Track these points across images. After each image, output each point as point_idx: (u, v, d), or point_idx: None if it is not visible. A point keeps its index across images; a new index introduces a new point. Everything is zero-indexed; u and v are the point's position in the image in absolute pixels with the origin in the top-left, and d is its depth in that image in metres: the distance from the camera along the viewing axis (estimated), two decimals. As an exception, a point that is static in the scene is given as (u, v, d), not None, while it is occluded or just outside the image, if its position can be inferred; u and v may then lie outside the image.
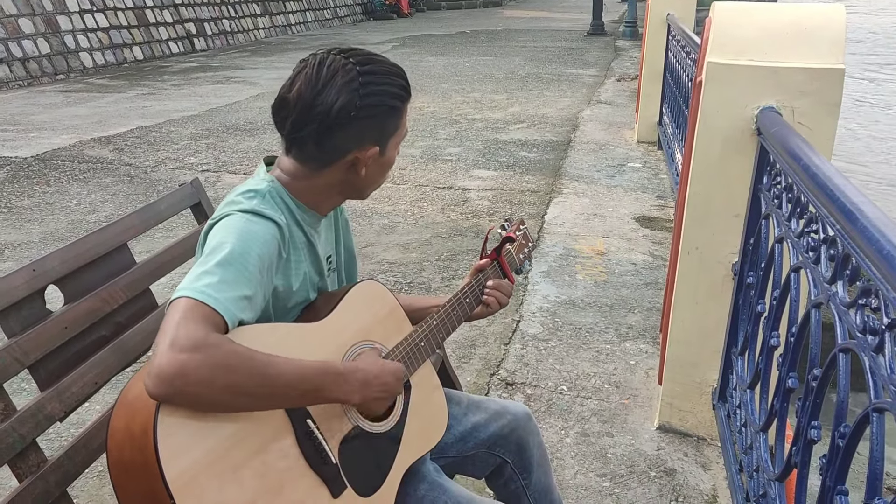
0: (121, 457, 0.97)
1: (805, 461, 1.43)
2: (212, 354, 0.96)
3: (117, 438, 0.98)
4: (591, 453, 2.44)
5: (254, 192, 1.21)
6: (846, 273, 1.28)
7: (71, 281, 1.48)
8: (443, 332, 1.45)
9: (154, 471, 0.93)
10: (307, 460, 1.12)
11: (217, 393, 0.97)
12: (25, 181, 5.45)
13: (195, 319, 0.98)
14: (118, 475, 0.98)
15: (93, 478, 2.32)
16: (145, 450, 0.94)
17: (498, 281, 1.57)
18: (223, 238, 1.11)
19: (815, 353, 1.42)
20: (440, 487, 1.36)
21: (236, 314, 1.04)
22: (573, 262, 4.00)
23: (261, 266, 1.11)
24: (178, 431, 0.96)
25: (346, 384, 1.12)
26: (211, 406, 0.99)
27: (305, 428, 1.13)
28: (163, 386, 0.93)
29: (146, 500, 0.96)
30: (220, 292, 1.02)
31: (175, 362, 0.93)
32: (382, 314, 1.38)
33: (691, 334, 2.39)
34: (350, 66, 1.21)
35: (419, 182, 5.40)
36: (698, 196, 2.22)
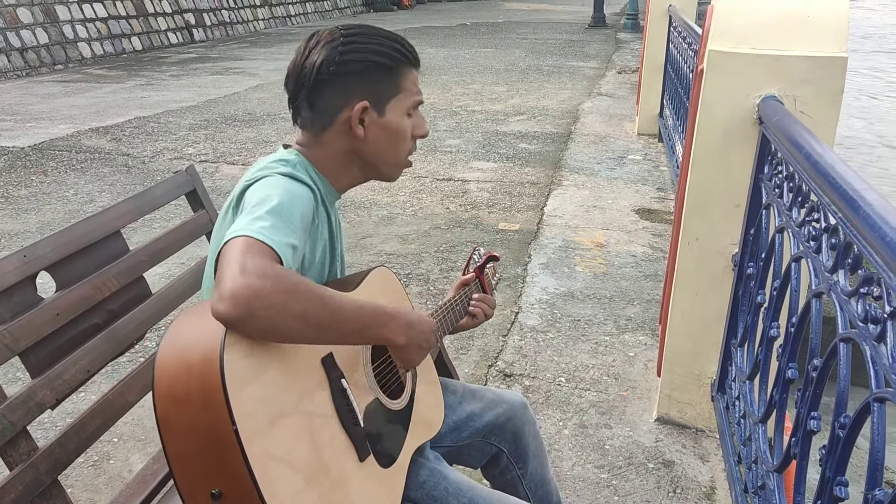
0: (173, 389, 0.95)
1: (804, 452, 1.41)
2: (283, 281, 0.97)
3: (169, 371, 0.96)
4: (589, 445, 2.43)
5: (285, 161, 1.23)
6: (848, 262, 1.27)
7: (63, 268, 1.46)
8: (441, 331, 1.48)
9: (218, 398, 0.92)
10: (340, 419, 1.13)
11: (288, 318, 0.97)
12: (23, 171, 5.43)
13: (259, 252, 0.99)
14: (166, 409, 0.96)
15: (88, 467, 2.31)
16: (209, 379, 0.93)
17: (483, 294, 1.63)
18: (269, 192, 1.11)
19: (816, 343, 1.41)
20: (440, 474, 1.36)
21: (289, 259, 1.05)
22: (572, 253, 3.99)
23: (303, 224, 1.12)
24: (240, 362, 0.96)
25: (394, 323, 1.13)
26: (280, 333, 0.99)
27: (340, 386, 1.13)
28: (238, 308, 0.93)
29: (200, 432, 0.94)
30: (276, 235, 1.03)
31: (249, 286, 0.93)
32: (396, 301, 1.40)
33: (690, 326, 2.38)
34: (336, 31, 1.26)
35: (418, 173, 5.37)
36: (698, 186, 2.20)
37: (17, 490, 1.22)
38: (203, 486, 0.96)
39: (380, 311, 1.13)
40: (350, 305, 1.07)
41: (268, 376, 1.01)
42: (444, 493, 1.33)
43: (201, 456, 0.95)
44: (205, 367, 0.94)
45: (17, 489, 1.22)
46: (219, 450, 0.94)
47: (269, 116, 7.25)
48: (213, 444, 0.94)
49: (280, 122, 6.90)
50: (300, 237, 1.10)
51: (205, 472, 0.95)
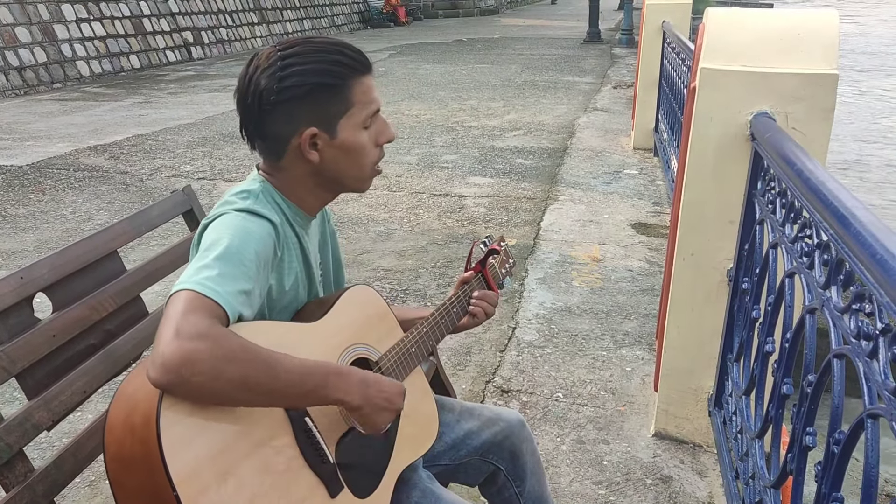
0: (120, 451, 0.95)
1: (800, 468, 1.41)
2: (218, 345, 0.95)
3: (116, 433, 0.96)
4: (586, 461, 2.43)
5: (247, 193, 1.21)
6: (840, 278, 1.28)
7: (60, 288, 1.47)
8: (432, 339, 1.45)
9: (156, 462, 0.91)
10: (306, 459, 1.11)
11: (222, 384, 0.95)
12: (21, 189, 5.44)
13: (198, 310, 0.97)
14: (117, 471, 0.95)
15: (84, 487, 2.30)
16: (147, 441, 0.92)
17: (484, 292, 1.57)
18: (220, 234, 1.10)
19: (810, 358, 1.42)
20: (433, 494, 1.35)
21: (236, 308, 1.03)
22: (569, 268, 4.00)
23: (258, 263, 1.10)
24: (180, 423, 0.94)
25: (346, 384, 1.09)
26: (214, 398, 0.97)
27: (304, 426, 1.12)
28: (169, 375, 0.92)
29: (146, 495, 0.94)
30: (221, 285, 1.02)
31: (181, 351, 0.92)
32: (375, 318, 1.38)
33: (687, 341, 2.38)
34: (273, 52, 1.20)
35: (415, 189, 5.39)
36: (692, 202, 2.21)
37: (12, 513, 1.22)
38: None
39: (331, 370, 1.08)
40: (295, 368, 1.03)
41: (212, 434, 0.99)
42: (437, 513, 1.32)
43: None
44: (145, 431, 0.93)
45: (12, 512, 1.22)
46: None
47: (266, 133, 7.26)
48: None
49: (277, 139, 6.91)
50: (253, 279, 1.08)
51: None
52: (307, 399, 1.07)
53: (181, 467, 0.92)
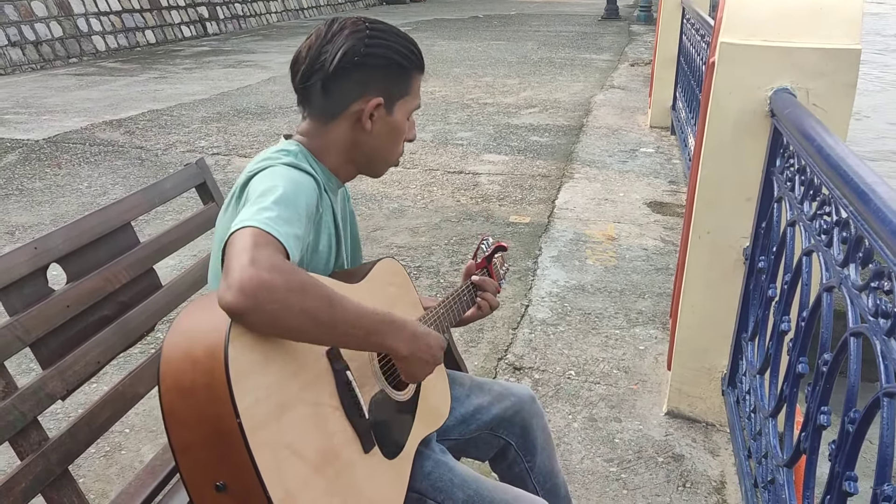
0: (179, 382, 0.96)
1: (814, 447, 1.40)
2: (291, 277, 0.97)
3: (175, 364, 0.97)
4: (598, 438, 2.42)
5: (287, 152, 1.23)
6: (859, 256, 1.26)
7: (74, 259, 1.47)
8: (447, 321, 1.47)
9: (222, 391, 0.92)
10: (345, 410, 1.13)
11: (293, 315, 0.97)
12: (37, 163, 5.47)
13: (269, 245, 0.99)
14: (173, 402, 0.96)
15: (99, 457, 2.33)
16: (212, 372, 0.93)
17: (484, 279, 1.59)
18: (274, 182, 1.11)
19: (826, 337, 1.40)
20: (445, 465, 1.36)
21: (294, 250, 1.05)
22: (583, 247, 3.98)
23: (308, 213, 1.12)
24: (245, 355, 0.96)
25: (399, 333, 1.12)
26: (284, 329, 0.99)
27: (345, 378, 1.13)
28: (245, 299, 0.93)
29: (205, 425, 0.95)
30: (281, 226, 1.03)
31: (258, 277, 0.93)
32: (402, 292, 1.41)
33: (701, 319, 2.37)
34: (360, 22, 1.27)
35: (429, 166, 5.37)
36: (709, 179, 2.19)
37: (27, 480, 1.24)
38: (208, 478, 0.96)
39: (387, 318, 1.11)
40: (357, 310, 1.06)
41: (272, 368, 1.01)
42: (448, 484, 1.33)
43: (206, 448, 0.96)
44: (209, 361, 0.94)
45: (27, 479, 1.24)
46: (223, 443, 0.94)
47: (280, 109, 7.26)
48: (218, 436, 0.94)
49: (292, 115, 6.91)
50: (304, 227, 1.11)
51: (209, 464, 0.96)
52: (364, 341, 1.10)
53: (244, 397, 0.93)
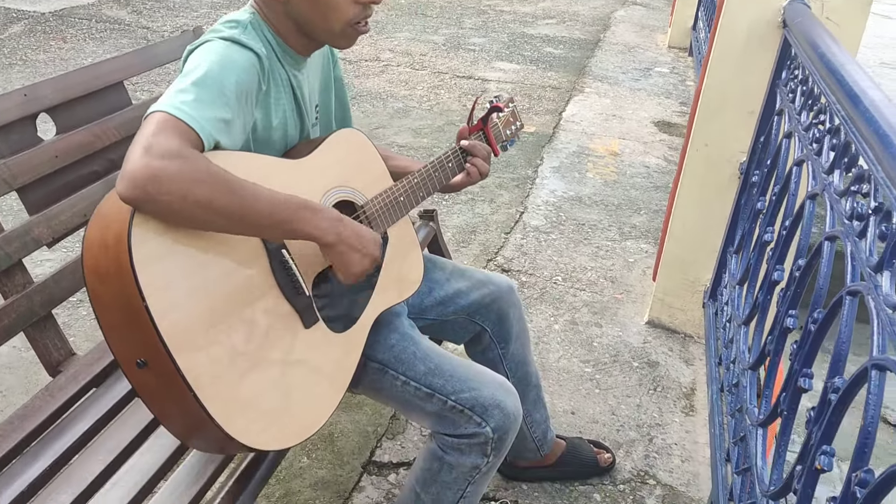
0: (96, 266, 0.98)
1: (779, 349, 1.44)
2: (187, 165, 0.95)
3: (93, 250, 0.98)
4: (577, 341, 2.48)
5: (235, 23, 1.18)
6: (844, 161, 1.25)
7: (64, 111, 1.48)
8: (423, 191, 1.42)
9: (128, 277, 0.93)
10: (280, 289, 1.13)
11: (189, 206, 0.95)
12: (42, 36, 5.38)
13: (170, 131, 0.96)
14: (93, 284, 0.98)
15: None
16: (119, 257, 0.94)
17: (474, 143, 1.49)
18: (201, 60, 1.07)
19: (804, 244, 1.41)
20: (411, 339, 1.38)
21: (212, 134, 1.02)
22: (585, 160, 3.95)
23: (238, 92, 1.08)
24: (151, 240, 0.96)
25: (317, 219, 1.09)
26: (182, 219, 0.98)
27: (280, 258, 1.13)
28: (135, 190, 0.92)
29: (120, 307, 0.97)
30: (196, 110, 1.00)
31: (149, 168, 0.92)
32: (364, 163, 1.36)
33: (691, 232, 2.38)
34: None
35: (438, 69, 5.28)
36: (714, 89, 2.15)
37: (10, 317, 1.28)
38: (130, 355, 0.99)
39: (301, 204, 1.07)
40: (266, 197, 1.02)
41: (186, 253, 1.00)
42: (411, 356, 1.36)
43: (125, 328, 0.98)
44: (117, 246, 0.95)
45: (10, 316, 1.28)
46: (136, 324, 0.95)
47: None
48: (132, 318, 0.96)
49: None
50: (234, 108, 1.06)
51: (130, 343, 0.98)
52: (277, 231, 1.07)
53: (151, 281, 0.94)
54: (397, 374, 1.36)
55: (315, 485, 1.84)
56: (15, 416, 1.24)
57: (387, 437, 2.01)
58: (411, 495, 1.47)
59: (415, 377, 1.36)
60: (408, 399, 1.38)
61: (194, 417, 0.99)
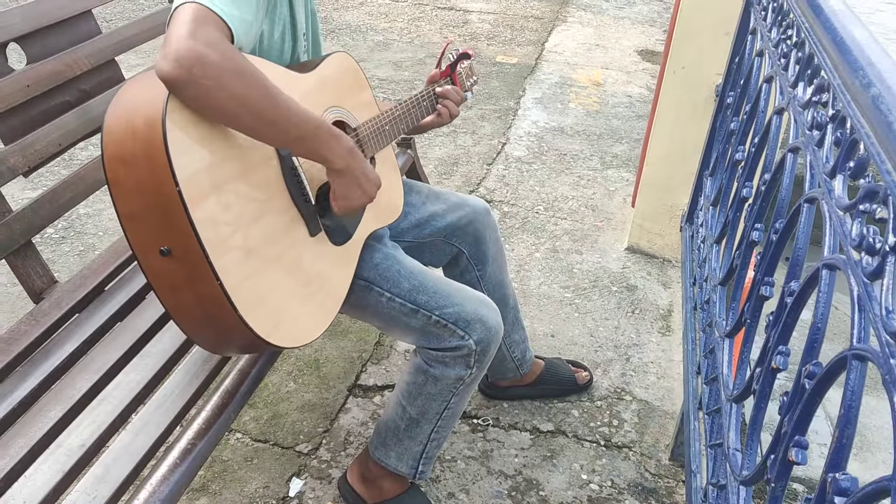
0: (119, 151, 0.98)
1: (745, 262, 1.48)
2: (229, 57, 0.96)
3: (117, 135, 0.98)
4: (557, 268, 2.52)
5: None
6: (808, 73, 1.27)
7: (33, 41, 1.47)
8: (403, 124, 1.48)
9: (161, 160, 0.94)
10: (290, 194, 1.17)
11: (227, 96, 0.97)
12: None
13: (211, 22, 0.97)
14: (115, 170, 0.98)
15: (73, 256, 2.41)
16: (151, 142, 0.95)
17: (446, 88, 1.57)
18: None
19: (770, 159, 1.44)
20: (394, 258, 1.42)
21: (241, 35, 1.03)
22: (568, 90, 3.94)
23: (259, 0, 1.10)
24: (183, 128, 0.97)
25: (335, 144, 1.12)
26: (215, 109, 0.99)
27: (290, 164, 1.16)
28: (180, 70, 0.93)
29: (145, 192, 0.97)
30: (229, 7, 1.01)
31: (196, 50, 0.93)
32: (356, 87, 1.41)
33: (668, 156, 2.40)
34: None
35: (419, 0, 5.19)
36: (690, 11, 2.15)
37: (-9, 245, 1.30)
38: (152, 243, 1.00)
39: (325, 127, 1.11)
40: (296, 110, 1.05)
41: (213, 147, 1.02)
42: (395, 274, 1.40)
43: (149, 215, 0.99)
44: (148, 131, 0.95)
45: (-9, 244, 1.30)
46: (165, 210, 0.97)
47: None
48: (160, 204, 0.97)
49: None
50: (255, 12, 1.08)
51: (153, 230, 0.99)
52: (297, 143, 1.10)
53: (184, 167, 0.96)
54: (382, 290, 1.40)
55: (302, 407, 1.90)
56: (0, 339, 1.27)
57: (371, 362, 2.06)
58: (397, 409, 1.53)
59: (399, 294, 1.40)
60: (393, 315, 1.42)
61: (213, 306, 1.01)
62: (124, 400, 1.18)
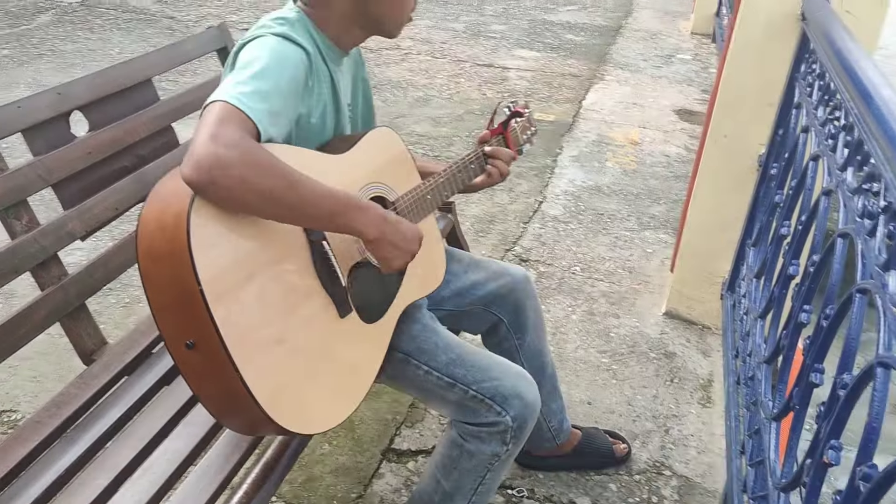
0: (151, 246, 1.00)
1: (793, 343, 1.46)
2: (249, 154, 0.99)
3: (149, 228, 1.01)
4: (594, 331, 2.51)
5: (284, 20, 1.23)
6: (857, 159, 1.27)
7: (96, 109, 1.53)
8: (447, 190, 1.48)
9: (184, 258, 0.96)
10: (319, 279, 1.18)
11: (249, 193, 1.00)
12: (70, 26, 5.46)
13: (233, 121, 1.01)
14: (146, 264, 1.01)
15: (119, 307, 2.46)
16: (176, 238, 0.97)
17: (497, 148, 1.56)
18: (257, 54, 1.12)
19: (818, 240, 1.43)
20: (433, 331, 1.43)
21: (267, 126, 1.07)
22: (605, 149, 3.96)
23: (290, 87, 1.13)
24: (208, 225, 1.00)
25: (365, 216, 1.14)
26: (241, 205, 1.02)
27: (321, 249, 1.18)
28: (201, 173, 0.96)
29: (173, 289, 1.00)
30: (255, 102, 1.05)
31: (214, 154, 0.96)
32: (396, 161, 1.43)
33: (709, 223, 2.39)
34: None
35: (459, 57, 5.29)
36: (733, 81, 2.16)
37: (47, 308, 1.34)
38: (179, 336, 1.02)
39: (352, 201, 1.13)
40: (319, 190, 1.07)
41: (239, 239, 1.04)
42: (433, 346, 1.40)
43: (176, 310, 1.01)
44: (175, 228, 0.98)
45: (47, 307, 1.34)
46: (189, 306, 0.99)
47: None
48: (184, 300, 0.99)
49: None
50: (286, 101, 1.11)
51: (180, 324, 1.01)
52: (326, 223, 1.12)
53: (207, 265, 0.98)
54: (420, 363, 1.40)
55: (336, 471, 1.89)
56: (52, 403, 1.30)
57: (406, 425, 2.06)
58: (431, 482, 1.52)
59: (437, 367, 1.40)
60: (430, 388, 1.42)
61: (236, 398, 1.02)
62: (167, 470, 1.19)
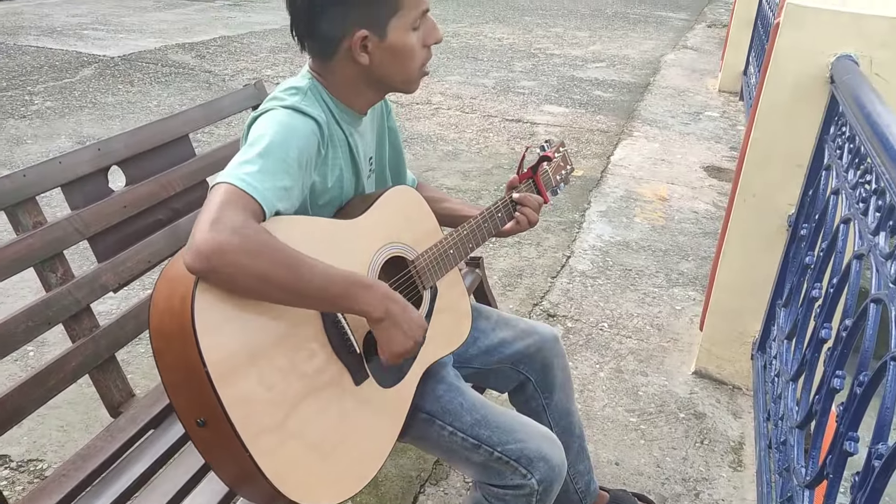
0: (161, 326, 1.03)
1: (826, 409, 1.42)
2: (249, 240, 1.00)
3: (159, 309, 1.03)
4: (622, 389, 2.47)
5: (296, 90, 1.24)
6: (890, 224, 1.26)
7: (133, 164, 1.57)
8: (472, 242, 1.45)
9: (190, 340, 0.98)
10: (333, 348, 1.17)
11: (249, 278, 1.01)
12: (111, 79, 5.65)
13: (235, 205, 1.02)
14: (158, 344, 1.03)
15: (148, 357, 2.48)
16: (183, 322, 0.99)
17: (524, 195, 1.52)
18: (265, 130, 1.13)
19: (850, 305, 1.41)
20: (457, 390, 1.41)
21: (274, 203, 1.08)
22: (633, 204, 3.96)
23: (300, 160, 1.14)
24: (213, 307, 1.01)
25: (369, 296, 1.13)
26: (243, 290, 1.03)
27: (333, 318, 1.18)
28: (201, 261, 0.98)
29: (181, 368, 1.01)
30: (260, 182, 1.06)
31: (213, 241, 0.98)
32: (415, 219, 1.40)
33: (738, 283, 2.37)
34: None
35: (488, 112, 5.36)
36: (761, 142, 2.16)
37: (77, 360, 1.35)
38: (191, 413, 1.03)
39: (355, 281, 1.11)
40: (321, 272, 1.07)
41: (245, 320, 1.05)
42: (458, 407, 1.39)
43: (186, 388, 1.02)
44: (182, 310, 0.99)
45: (77, 359, 1.35)
46: (197, 386, 1.00)
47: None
48: (192, 381, 1.00)
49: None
50: (294, 175, 1.12)
51: (191, 402, 1.03)
52: (330, 305, 1.12)
53: (212, 347, 0.99)
54: (444, 424, 1.39)
55: (359, 528, 1.87)
56: (77, 456, 1.30)
57: (430, 482, 2.03)
58: (454, 543, 1.49)
59: (462, 428, 1.39)
60: (454, 449, 1.40)
61: (247, 473, 1.03)
62: (190, 527, 1.18)
